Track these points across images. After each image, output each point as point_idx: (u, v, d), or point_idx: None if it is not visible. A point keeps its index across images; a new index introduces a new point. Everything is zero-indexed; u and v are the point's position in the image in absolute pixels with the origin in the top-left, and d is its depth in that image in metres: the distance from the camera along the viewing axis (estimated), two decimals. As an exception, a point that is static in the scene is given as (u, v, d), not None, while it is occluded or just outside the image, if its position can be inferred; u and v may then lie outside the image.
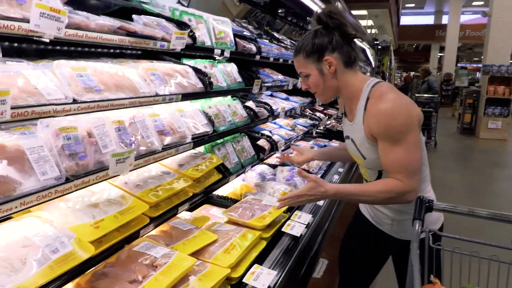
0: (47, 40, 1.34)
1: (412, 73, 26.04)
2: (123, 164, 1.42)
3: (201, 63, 2.35)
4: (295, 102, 4.01)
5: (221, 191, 2.36)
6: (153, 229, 1.60)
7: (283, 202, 1.68)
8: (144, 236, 1.54)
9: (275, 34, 4.53)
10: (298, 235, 1.89)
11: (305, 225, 1.99)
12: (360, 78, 1.71)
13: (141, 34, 1.69)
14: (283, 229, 1.92)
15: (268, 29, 4.57)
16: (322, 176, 3.08)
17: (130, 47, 1.70)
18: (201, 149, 2.34)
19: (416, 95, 10.02)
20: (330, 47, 1.64)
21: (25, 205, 1.11)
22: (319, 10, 1.68)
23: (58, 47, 1.88)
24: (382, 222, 1.88)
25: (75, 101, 1.34)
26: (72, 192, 1.26)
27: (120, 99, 1.52)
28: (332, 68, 1.65)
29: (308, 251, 1.95)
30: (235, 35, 2.73)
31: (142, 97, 1.65)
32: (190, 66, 2.18)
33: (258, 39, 3.28)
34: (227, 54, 2.47)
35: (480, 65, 13.88)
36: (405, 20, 25.33)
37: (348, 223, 2.24)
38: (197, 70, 2.18)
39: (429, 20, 26.38)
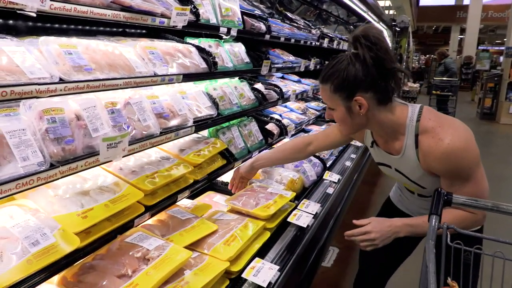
0: (33, 15, 1.23)
1: (432, 56, 25.37)
2: (115, 149, 1.32)
3: (205, 42, 2.22)
4: (307, 84, 3.86)
5: (226, 177, 2.26)
6: (149, 218, 1.50)
7: (348, 235, 1.57)
8: (139, 226, 1.45)
9: (289, 14, 4.36)
10: (305, 226, 1.78)
11: (313, 215, 1.88)
12: (398, 113, 1.50)
13: (137, 9, 1.57)
14: (288, 219, 1.81)
15: (282, 9, 4.39)
16: (334, 163, 2.96)
17: (126, 23, 1.59)
18: (205, 133, 2.23)
19: (434, 78, 9.72)
20: (364, 86, 1.41)
21: (2, 193, 1.02)
22: (358, 32, 1.42)
23: (56, 25, 1.77)
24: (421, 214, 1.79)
25: (61, 81, 1.24)
26: (58, 179, 1.17)
27: (113, 79, 1.41)
28: (362, 109, 1.44)
29: (315, 243, 1.84)
30: (244, 13, 2.59)
31: (138, 77, 1.54)
32: (193, 45, 2.06)
33: (270, 19, 3.12)
34: (234, 32, 2.34)
35: (502, 48, 13.37)
36: (425, 1, 24.54)
37: (377, 214, 2.13)
38: (201, 50, 2.05)
39: (449, 0, 25.50)
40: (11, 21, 1.59)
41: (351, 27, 8.10)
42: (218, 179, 2.20)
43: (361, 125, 1.54)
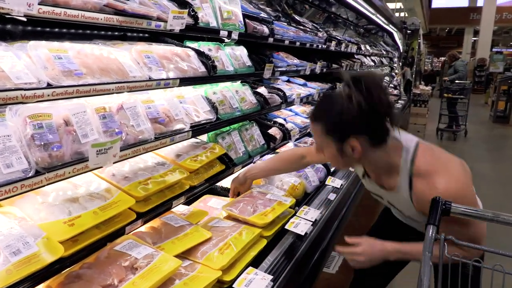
0: (23, 19, 1.22)
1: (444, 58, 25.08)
2: (105, 155, 1.30)
3: (205, 46, 2.19)
4: (313, 88, 3.81)
5: (226, 183, 2.22)
6: (141, 225, 1.47)
7: (339, 251, 1.58)
8: (131, 233, 1.42)
9: (296, 17, 4.32)
10: (303, 233, 1.73)
11: (312, 222, 1.84)
12: (392, 153, 1.46)
13: (131, 12, 1.55)
14: (286, 227, 1.77)
15: (291, 12, 4.36)
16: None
17: (122, 27, 1.57)
18: (204, 137, 2.20)
19: (445, 79, 9.59)
20: (358, 129, 1.37)
21: (-17, 201, 1.00)
22: (352, 76, 1.37)
23: (55, 29, 1.77)
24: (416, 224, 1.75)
25: (49, 86, 1.22)
26: (43, 186, 1.15)
27: (104, 83, 1.39)
28: (355, 152, 1.40)
29: (314, 251, 1.80)
30: (246, 16, 2.56)
31: (131, 81, 1.51)
32: (192, 48, 2.03)
33: (275, 22, 3.09)
34: (235, 36, 2.31)
35: (517, 50, 13.14)
36: (438, 3, 24.27)
37: (374, 223, 2.09)
38: (200, 53, 2.03)
39: (463, 2, 25.18)
40: (8, 26, 1.58)
41: (361, 29, 8.03)
42: (218, 184, 2.16)
43: (352, 164, 1.53)
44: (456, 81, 9.26)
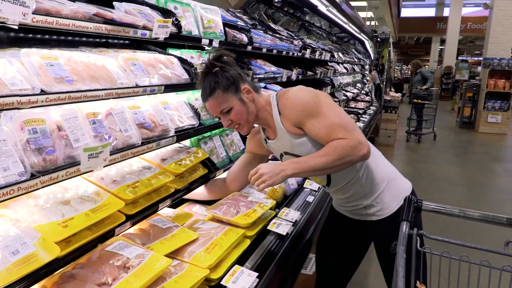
0: (16, 27, 1.26)
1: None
2: (96, 159, 1.34)
3: (187, 53, 2.26)
4: (290, 94, 3.91)
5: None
6: (130, 227, 1.52)
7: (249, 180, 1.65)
8: (120, 235, 1.46)
9: (272, 24, 4.43)
10: (284, 233, 1.82)
11: (292, 223, 1.92)
12: (266, 95, 1.82)
13: (119, 21, 1.60)
14: (268, 227, 1.85)
15: (270, 20, 4.47)
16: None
17: (108, 35, 1.62)
18: (187, 142, 2.26)
19: (417, 87, 9.96)
20: (241, 78, 1.74)
21: (-18, 203, 1.03)
22: (211, 57, 1.74)
23: (38, 35, 1.79)
24: (359, 212, 1.87)
25: (43, 92, 1.26)
26: (39, 189, 1.19)
27: (94, 90, 1.43)
28: (250, 95, 1.73)
29: (295, 250, 1.88)
30: (226, 25, 2.64)
31: (119, 88, 1.57)
32: (175, 56, 2.10)
33: (252, 30, 3.18)
34: (215, 44, 2.38)
35: (481, 58, 13.78)
36: (406, 12, 25.13)
37: (323, 223, 2.21)
38: (182, 61, 2.09)
39: (430, 12, 26.17)
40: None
41: (334, 37, 8.25)
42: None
43: (254, 114, 1.75)
44: (421, 88, 9.69)
